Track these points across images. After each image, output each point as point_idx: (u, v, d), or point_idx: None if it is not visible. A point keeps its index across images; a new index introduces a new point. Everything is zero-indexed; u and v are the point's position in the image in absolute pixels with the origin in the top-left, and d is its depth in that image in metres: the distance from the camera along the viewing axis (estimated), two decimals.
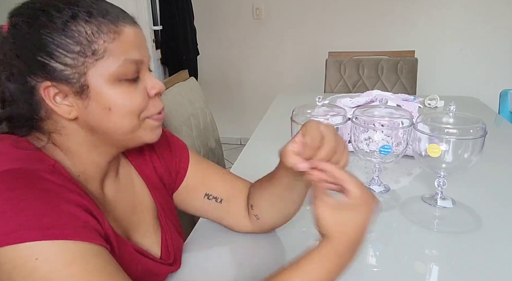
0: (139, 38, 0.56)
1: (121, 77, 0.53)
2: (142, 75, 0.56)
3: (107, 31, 0.52)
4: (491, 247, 0.74)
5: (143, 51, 0.56)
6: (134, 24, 0.55)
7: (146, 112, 0.57)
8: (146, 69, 0.58)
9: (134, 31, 0.55)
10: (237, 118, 3.38)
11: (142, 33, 0.57)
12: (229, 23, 3.11)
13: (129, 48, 0.53)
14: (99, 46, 0.51)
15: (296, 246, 0.77)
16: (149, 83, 0.57)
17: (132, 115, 0.55)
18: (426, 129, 0.84)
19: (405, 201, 0.93)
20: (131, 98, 0.54)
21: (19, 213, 0.42)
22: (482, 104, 1.78)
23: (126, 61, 0.53)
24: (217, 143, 1.61)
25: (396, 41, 2.82)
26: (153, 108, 0.58)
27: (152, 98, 0.58)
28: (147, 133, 0.59)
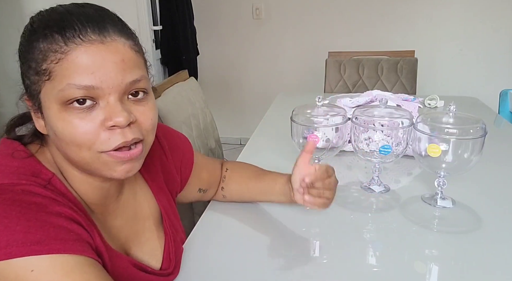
0: (99, 59, 0.47)
1: (67, 103, 0.47)
2: (104, 103, 0.49)
3: (55, 50, 0.46)
4: (491, 247, 0.74)
5: (102, 76, 0.47)
6: (102, 40, 0.47)
7: (97, 147, 0.49)
8: (111, 96, 0.48)
9: (93, 50, 0.47)
10: (237, 118, 3.39)
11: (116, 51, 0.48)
12: (229, 23, 3.11)
13: (76, 71, 0.46)
14: (47, 66, 0.47)
15: (296, 246, 0.77)
16: (107, 114, 0.48)
17: (77, 146, 0.49)
18: (426, 129, 0.84)
19: (405, 201, 0.93)
20: (73, 127, 0.48)
21: (5, 230, 0.41)
22: (482, 104, 1.78)
23: (70, 86, 0.46)
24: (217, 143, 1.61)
25: (396, 41, 2.82)
26: (106, 143, 0.49)
27: (110, 131, 0.49)
28: (106, 169, 0.52)
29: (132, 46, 0.51)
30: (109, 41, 0.48)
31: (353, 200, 0.94)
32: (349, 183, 1.03)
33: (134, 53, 0.51)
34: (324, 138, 0.92)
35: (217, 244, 0.78)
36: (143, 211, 0.67)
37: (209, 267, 0.71)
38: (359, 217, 0.87)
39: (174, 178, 0.75)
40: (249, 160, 1.21)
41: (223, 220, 0.87)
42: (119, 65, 0.48)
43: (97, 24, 0.48)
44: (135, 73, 0.50)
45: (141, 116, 0.52)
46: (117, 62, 0.48)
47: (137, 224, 0.65)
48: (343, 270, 0.70)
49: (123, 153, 0.51)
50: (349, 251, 0.75)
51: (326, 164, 0.75)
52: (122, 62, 0.48)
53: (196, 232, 0.82)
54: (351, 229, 0.82)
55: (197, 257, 0.74)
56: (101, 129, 0.49)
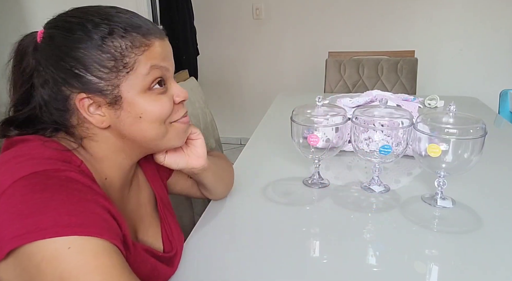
0: (165, 49, 0.60)
1: (150, 85, 0.57)
2: (169, 84, 0.61)
3: (139, 45, 0.56)
4: (491, 247, 0.75)
5: (168, 61, 0.60)
6: (162, 37, 0.60)
7: (171, 118, 0.62)
8: (172, 79, 0.62)
9: (162, 43, 0.59)
10: (237, 118, 3.38)
11: (169, 46, 0.61)
12: (229, 23, 3.11)
13: (156, 57, 0.57)
14: (130, 59, 0.55)
15: (296, 246, 0.77)
16: (175, 91, 0.62)
17: (159, 121, 0.59)
18: (426, 129, 0.84)
19: (405, 201, 0.93)
20: (159, 105, 0.59)
21: (52, 212, 0.45)
22: (482, 104, 1.78)
23: (153, 67, 0.57)
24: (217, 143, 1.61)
25: (396, 41, 2.82)
26: (177, 114, 0.63)
27: (176, 105, 0.62)
28: (173, 137, 0.64)
29: None
30: (164, 38, 0.60)
31: (353, 200, 0.94)
32: (349, 183, 1.03)
33: None
34: (324, 138, 0.92)
35: (217, 244, 0.78)
36: (144, 197, 0.72)
37: (209, 267, 0.71)
38: (359, 217, 0.87)
39: None
40: (249, 160, 1.21)
41: (223, 220, 0.87)
42: (170, 54, 0.62)
43: (154, 25, 0.60)
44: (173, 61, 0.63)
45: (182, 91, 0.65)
46: (171, 52, 0.62)
47: (141, 209, 0.70)
48: (343, 270, 0.70)
49: (185, 118, 0.65)
50: (349, 251, 0.75)
51: None
52: (171, 52, 0.62)
53: (196, 232, 0.82)
54: (351, 229, 0.82)
55: (197, 257, 0.74)
56: (173, 104, 0.62)
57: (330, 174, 1.07)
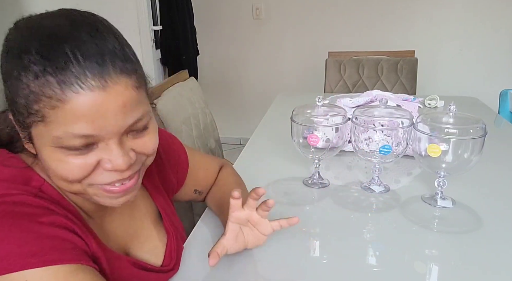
0: (100, 108, 0.43)
1: (62, 147, 0.45)
2: (103, 145, 0.47)
3: (50, 95, 0.42)
4: (491, 247, 0.74)
5: (102, 123, 0.44)
6: (104, 86, 0.43)
7: (90, 180, 0.49)
8: (112, 141, 0.47)
9: (94, 98, 0.43)
10: (237, 118, 3.39)
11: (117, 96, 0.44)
12: (229, 23, 3.11)
13: (75, 120, 0.43)
14: (39, 108, 0.43)
15: (297, 246, 0.77)
16: (106, 157, 0.47)
17: (69, 182, 0.48)
18: (426, 129, 0.84)
19: (405, 201, 0.93)
20: (66, 168, 0.46)
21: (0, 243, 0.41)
22: (482, 104, 1.78)
23: (67, 134, 0.44)
24: (217, 143, 1.61)
25: (396, 41, 2.82)
26: (98, 178, 0.49)
27: (105, 170, 0.49)
28: (100, 199, 0.51)
29: (134, 83, 0.47)
30: (111, 86, 0.44)
31: (353, 200, 0.94)
32: (349, 183, 1.03)
33: (136, 92, 0.47)
34: (324, 138, 0.92)
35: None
36: (140, 211, 0.67)
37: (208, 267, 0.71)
38: (359, 217, 0.87)
39: (170, 179, 0.76)
40: (249, 160, 1.21)
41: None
42: (120, 110, 0.45)
43: (98, 64, 0.43)
44: (136, 113, 0.47)
45: (142, 147, 0.51)
46: (119, 107, 0.45)
47: (135, 223, 0.66)
48: (343, 270, 0.70)
49: (117, 188, 0.50)
50: (349, 251, 0.75)
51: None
52: (124, 106, 0.45)
53: (196, 232, 0.82)
54: (351, 229, 0.82)
55: (197, 256, 0.74)
56: (96, 167, 0.48)
57: (330, 174, 1.07)
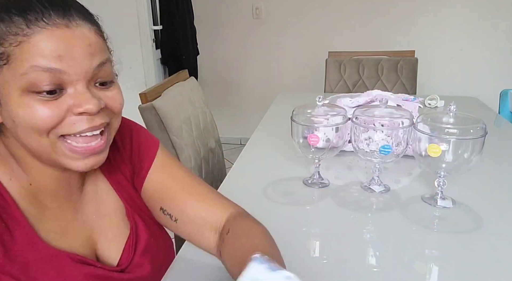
0: (66, 43, 0.45)
1: (30, 88, 0.45)
2: (72, 90, 0.47)
3: (16, 32, 0.44)
4: (491, 247, 0.74)
5: (69, 60, 0.46)
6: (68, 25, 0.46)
7: (59, 130, 0.48)
8: (81, 85, 0.48)
9: (59, 34, 0.45)
10: (237, 118, 3.38)
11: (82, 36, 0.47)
12: (229, 23, 3.11)
13: (41, 54, 0.44)
14: (4, 49, 0.44)
15: (297, 246, 0.77)
16: (74, 101, 0.47)
17: (37, 132, 0.47)
18: (426, 129, 0.84)
19: (405, 201, 0.93)
20: (35, 112, 0.46)
21: None
22: (482, 104, 1.78)
23: (33, 68, 0.44)
24: (217, 143, 1.61)
25: (396, 41, 2.82)
26: (70, 127, 0.48)
27: (76, 116, 0.48)
28: (66, 160, 0.50)
29: (97, 31, 0.50)
30: (75, 26, 0.47)
31: (353, 200, 0.94)
32: (349, 183, 1.03)
33: (99, 38, 0.50)
34: (324, 138, 0.92)
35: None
36: (106, 207, 0.64)
37: (208, 267, 0.71)
38: (359, 217, 0.87)
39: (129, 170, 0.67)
40: (249, 160, 1.21)
41: None
42: (86, 50, 0.47)
43: (62, 8, 0.46)
44: (101, 56, 0.50)
45: (110, 101, 0.52)
46: (84, 47, 0.47)
47: (103, 219, 0.63)
48: (343, 270, 0.70)
49: (83, 147, 0.50)
50: (349, 251, 0.75)
51: None
52: (89, 46, 0.48)
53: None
54: (351, 229, 0.82)
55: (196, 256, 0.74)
56: (67, 114, 0.48)
57: (330, 174, 1.07)
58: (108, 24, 0.56)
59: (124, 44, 2.75)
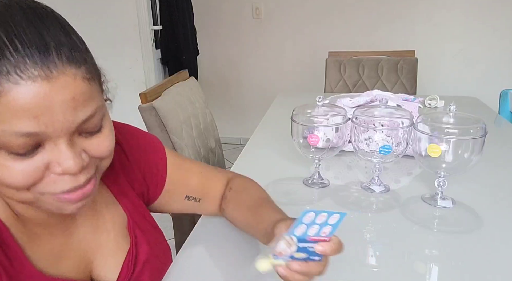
0: (44, 100, 0.37)
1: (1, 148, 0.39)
2: (50, 146, 0.41)
3: None
4: (491, 247, 0.74)
5: (48, 120, 0.38)
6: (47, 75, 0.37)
7: (39, 188, 0.42)
8: (62, 141, 0.41)
9: (36, 90, 0.37)
10: (237, 118, 3.39)
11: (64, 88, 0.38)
12: (229, 23, 3.11)
13: (16, 115, 0.37)
14: None
15: None
16: (55, 158, 0.41)
17: (13, 189, 0.41)
18: (426, 129, 0.84)
19: (405, 201, 0.93)
20: (8, 174, 0.40)
21: None
22: (482, 104, 1.78)
23: (7, 133, 0.37)
24: (217, 143, 1.61)
25: (396, 41, 2.82)
26: (51, 186, 0.42)
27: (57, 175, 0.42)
28: (52, 207, 0.45)
29: (84, 75, 0.41)
30: (56, 76, 0.38)
31: (353, 200, 0.94)
32: (349, 183, 1.03)
33: (87, 84, 0.41)
34: (324, 138, 0.92)
35: (216, 244, 0.78)
36: (105, 221, 0.60)
37: (208, 267, 0.71)
38: (359, 217, 0.87)
39: (137, 178, 0.67)
40: (249, 160, 1.21)
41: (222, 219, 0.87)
42: (69, 104, 0.39)
43: (39, 52, 0.37)
44: (88, 108, 0.41)
45: (96, 149, 0.45)
46: (67, 102, 0.39)
47: (100, 236, 0.59)
48: (343, 270, 0.70)
49: (72, 195, 0.44)
50: (349, 251, 0.75)
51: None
52: (73, 100, 0.39)
53: (196, 232, 0.82)
54: (351, 229, 0.82)
55: (197, 256, 0.74)
56: (45, 172, 0.42)
57: (330, 174, 1.07)
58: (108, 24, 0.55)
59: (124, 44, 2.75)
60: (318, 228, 0.54)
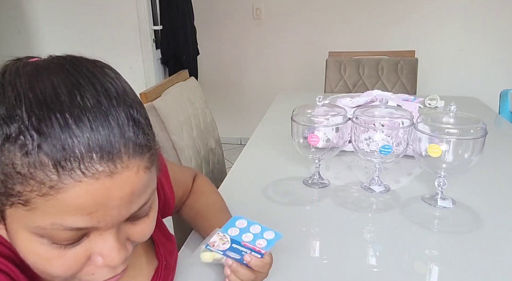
0: (102, 197, 0.34)
1: (45, 236, 0.36)
2: (96, 236, 0.38)
3: (42, 180, 0.32)
4: (491, 247, 0.74)
5: (101, 216, 0.35)
6: (111, 172, 0.34)
7: (78, 276, 0.40)
8: (110, 233, 0.38)
9: (97, 187, 0.34)
10: (237, 118, 3.39)
11: (126, 183, 0.35)
12: (229, 23, 3.11)
13: (69, 212, 0.34)
14: (23, 191, 0.33)
15: (297, 246, 0.77)
16: (98, 250, 0.38)
17: (51, 276, 0.39)
18: (427, 130, 0.84)
19: (405, 201, 0.93)
20: (49, 263, 0.37)
21: None
22: (482, 104, 1.78)
23: (56, 226, 0.35)
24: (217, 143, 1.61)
25: (396, 41, 2.82)
26: (88, 276, 0.39)
27: (95, 265, 0.39)
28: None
29: (147, 165, 0.37)
30: (120, 171, 0.35)
31: (353, 200, 0.94)
32: (349, 183, 1.03)
33: (147, 174, 0.38)
34: (325, 138, 0.92)
35: None
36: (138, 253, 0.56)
37: (208, 267, 0.71)
38: (359, 217, 0.87)
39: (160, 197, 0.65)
40: (249, 160, 1.21)
41: None
42: (126, 199, 0.36)
43: (107, 144, 0.34)
44: (142, 199, 0.38)
45: (140, 234, 0.42)
46: (125, 197, 0.36)
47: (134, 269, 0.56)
48: (343, 270, 0.70)
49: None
50: (349, 251, 0.75)
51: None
52: (131, 195, 0.36)
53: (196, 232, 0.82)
54: (351, 229, 0.82)
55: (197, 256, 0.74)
56: (85, 263, 0.39)
57: (330, 174, 1.07)
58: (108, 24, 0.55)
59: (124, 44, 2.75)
60: (252, 237, 0.61)
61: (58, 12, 2.70)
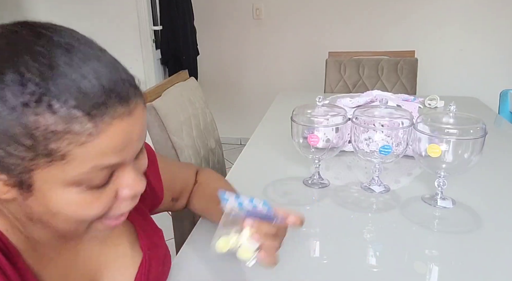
0: (128, 133, 0.40)
1: (81, 182, 0.40)
2: (119, 173, 0.43)
3: (78, 131, 0.36)
4: (491, 247, 0.75)
5: (128, 151, 0.42)
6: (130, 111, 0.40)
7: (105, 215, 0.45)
8: (127, 164, 0.43)
9: (124, 126, 0.39)
10: (237, 118, 3.39)
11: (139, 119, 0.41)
12: (229, 23, 3.11)
13: (105, 153, 0.39)
14: (60, 148, 0.36)
15: (297, 245, 0.77)
16: (124, 182, 0.44)
17: (83, 222, 0.44)
18: (426, 130, 0.84)
19: (405, 201, 0.93)
20: (88, 207, 0.42)
21: None
22: (482, 104, 1.78)
23: (95, 168, 0.39)
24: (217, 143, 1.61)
25: (396, 41, 2.82)
26: (115, 211, 0.45)
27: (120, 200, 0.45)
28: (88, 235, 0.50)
29: (144, 101, 0.43)
30: (133, 109, 0.40)
31: (353, 200, 0.94)
32: (349, 183, 1.03)
33: (145, 110, 0.44)
34: (324, 138, 0.92)
35: None
36: (113, 235, 0.59)
37: (208, 267, 0.71)
38: (359, 217, 0.87)
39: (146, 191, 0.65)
40: (249, 160, 1.21)
41: None
42: (141, 134, 0.43)
43: (121, 89, 0.39)
44: (145, 132, 0.46)
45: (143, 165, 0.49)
46: (140, 130, 0.43)
47: (108, 251, 0.58)
48: (343, 270, 0.70)
49: (117, 220, 0.47)
50: (349, 251, 0.75)
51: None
52: (144, 128, 0.43)
53: (196, 232, 0.82)
54: (351, 229, 0.82)
55: (197, 256, 0.74)
56: (114, 199, 0.44)
57: (330, 174, 1.07)
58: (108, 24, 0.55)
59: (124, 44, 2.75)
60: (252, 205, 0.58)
61: (58, 12, 2.70)
